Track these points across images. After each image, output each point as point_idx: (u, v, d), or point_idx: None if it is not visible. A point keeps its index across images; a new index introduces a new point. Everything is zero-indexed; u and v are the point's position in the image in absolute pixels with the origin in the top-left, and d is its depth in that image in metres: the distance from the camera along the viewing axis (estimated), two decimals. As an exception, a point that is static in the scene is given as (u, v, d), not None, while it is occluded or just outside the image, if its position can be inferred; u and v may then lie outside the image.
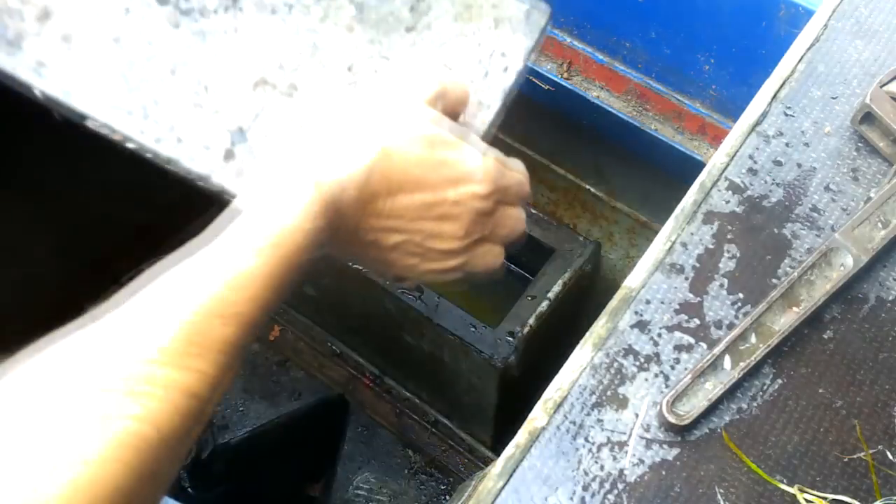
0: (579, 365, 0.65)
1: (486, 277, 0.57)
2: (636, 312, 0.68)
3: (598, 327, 0.67)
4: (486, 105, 0.59)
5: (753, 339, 0.66)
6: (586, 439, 0.63)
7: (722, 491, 0.61)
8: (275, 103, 0.61)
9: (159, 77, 0.61)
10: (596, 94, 1.25)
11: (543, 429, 0.63)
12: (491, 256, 0.56)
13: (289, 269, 0.44)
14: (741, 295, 0.69)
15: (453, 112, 0.56)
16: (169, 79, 0.61)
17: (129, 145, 0.60)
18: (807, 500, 0.60)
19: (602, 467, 0.62)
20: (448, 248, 0.54)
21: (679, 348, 0.67)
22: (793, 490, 0.61)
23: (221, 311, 0.41)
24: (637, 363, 0.66)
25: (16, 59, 0.60)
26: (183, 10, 0.62)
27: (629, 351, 0.66)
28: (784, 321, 0.66)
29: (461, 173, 0.52)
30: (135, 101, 0.60)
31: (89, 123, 0.59)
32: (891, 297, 0.70)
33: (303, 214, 0.45)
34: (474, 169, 0.52)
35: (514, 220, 0.57)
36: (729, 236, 0.72)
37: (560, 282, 1.26)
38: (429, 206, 0.52)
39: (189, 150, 0.60)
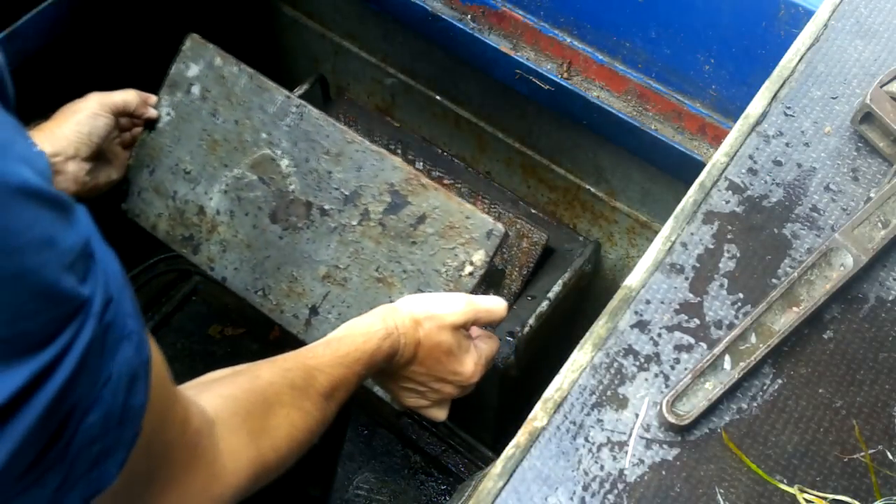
0: (579, 365, 0.65)
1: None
2: (636, 312, 0.68)
3: (598, 327, 0.67)
4: (457, 296, 0.91)
5: (753, 339, 0.66)
6: (586, 439, 0.62)
7: (722, 491, 0.61)
8: (334, 290, 1.08)
9: (271, 271, 1.11)
10: (596, 94, 1.25)
11: (543, 429, 0.63)
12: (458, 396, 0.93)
13: (359, 372, 0.78)
14: (741, 295, 0.69)
15: (488, 323, 0.92)
16: (276, 273, 1.11)
17: (257, 309, 1.12)
18: (807, 500, 0.60)
19: (602, 467, 0.62)
20: (437, 399, 0.91)
21: (679, 348, 0.67)
22: (793, 490, 0.61)
23: (325, 378, 0.75)
24: (637, 363, 0.66)
25: (197, 257, 1.14)
26: (283, 226, 1.11)
27: (629, 351, 0.66)
28: (784, 321, 0.66)
29: (458, 372, 0.88)
30: (258, 285, 1.12)
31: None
32: (891, 297, 0.70)
33: (377, 361, 0.81)
34: (468, 373, 0.89)
35: (474, 386, 0.93)
36: (729, 236, 0.72)
37: (560, 282, 1.26)
38: (435, 378, 0.88)
39: (287, 318, 1.10)
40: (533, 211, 1.44)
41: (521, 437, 0.63)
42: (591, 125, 1.28)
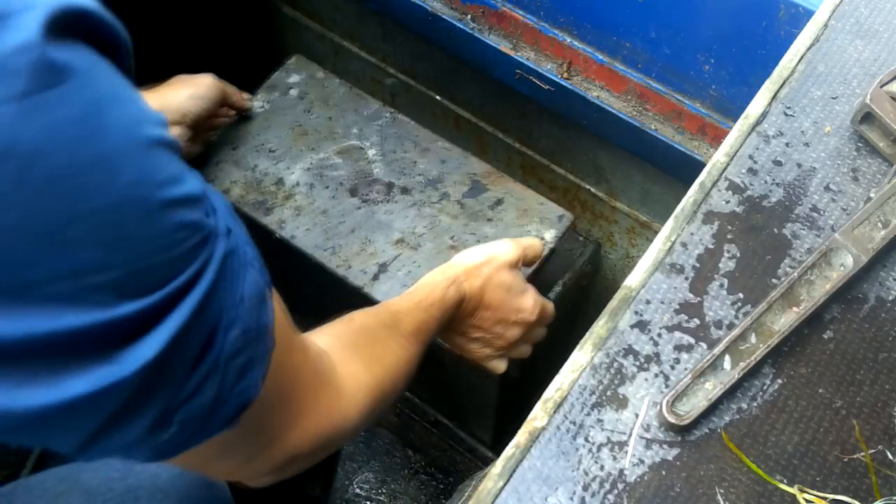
0: (579, 365, 0.65)
1: (517, 358, 1.01)
2: (636, 312, 0.68)
3: (598, 327, 0.67)
4: (501, 241, 0.98)
5: (753, 339, 0.66)
6: (586, 439, 0.63)
7: (722, 491, 0.61)
8: (406, 253, 1.12)
9: (344, 234, 1.14)
10: (596, 94, 1.25)
11: (543, 429, 0.63)
12: (523, 351, 1.00)
13: (436, 316, 0.85)
14: (741, 295, 0.69)
15: (531, 262, 1.00)
16: (349, 235, 1.14)
17: (323, 265, 1.12)
18: (807, 500, 0.60)
19: (602, 467, 0.62)
20: (503, 345, 0.95)
21: (679, 348, 0.67)
22: (793, 490, 0.61)
23: (409, 319, 0.81)
24: (637, 363, 0.66)
25: (268, 218, 1.15)
26: (362, 199, 1.17)
27: (629, 351, 0.66)
28: (784, 321, 0.66)
29: (521, 307, 0.94)
30: (328, 244, 1.13)
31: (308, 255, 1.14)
32: (891, 297, 0.70)
33: (448, 306, 0.86)
34: (527, 306, 0.94)
35: (541, 334, 1.01)
36: (729, 236, 0.72)
37: (560, 282, 1.26)
38: (500, 321, 0.93)
39: (354, 273, 1.11)
40: (533, 211, 1.44)
41: (521, 437, 0.63)
42: (591, 125, 1.28)
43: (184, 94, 1.10)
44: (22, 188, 0.35)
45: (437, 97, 1.53)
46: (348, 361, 0.67)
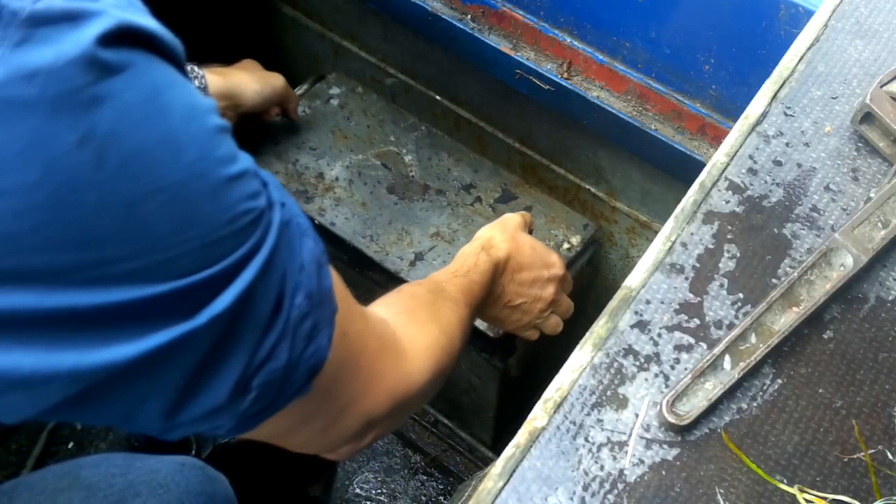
0: (579, 365, 0.65)
1: (549, 334, 1.03)
2: (636, 312, 0.68)
3: (598, 327, 0.67)
4: (501, 218, 1.02)
5: (753, 339, 0.66)
6: (586, 439, 0.63)
7: (722, 491, 0.61)
8: (441, 245, 1.21)
9: (382, 224, 1.22)
10: (596, 94, 1.25)
11: (543, 429, 0.63)
12: (555, 322, 1.02)
13: (477, 280, 0.88)
14: (741, 295, 0.69)
15: (531, 228, 1.03)
16: (387, 226, 1.21)
17: (362, 251, 1.19)
18: (807, 500, 0.60)
19: (602, 467, 0.62)
20: (542, 308, 0.98)
21: (679, 348, 0.67)
22: (793, 490, 0.61)
23: (453, 287, 0.84)
24: (637, 363, 0.66)
25: (308, 206, 1.21)
26: (399, 196, 1.24)
27: (629, 351, 0.66)
28: (784, 321, 0.66)
29: (550, 262, 0.98)
30: (367, 232, 1.21)
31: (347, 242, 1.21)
32: (891, 297, 0.70)
33: (484, 269, 0.89)
34: (555, 260, 0.99)
35: (569, 304, 1.03)
36: (729, 236, 0.72)
37: (560, 282, 1.26)
38: (535, 279, 0.96)
39: (391, 259, 1.19)
40: (533, 211, 1.43)
41: (521, 437, 0.63)
42: (591, 125, 1.28)
43: (251, 87, 1.14)
44: (101, 169, 0.38)
45: (437, 97, 1.53)
46: (406, 326, 0.70)
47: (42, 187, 0.37)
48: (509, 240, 0.94)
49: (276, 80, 1.19)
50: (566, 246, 1.23)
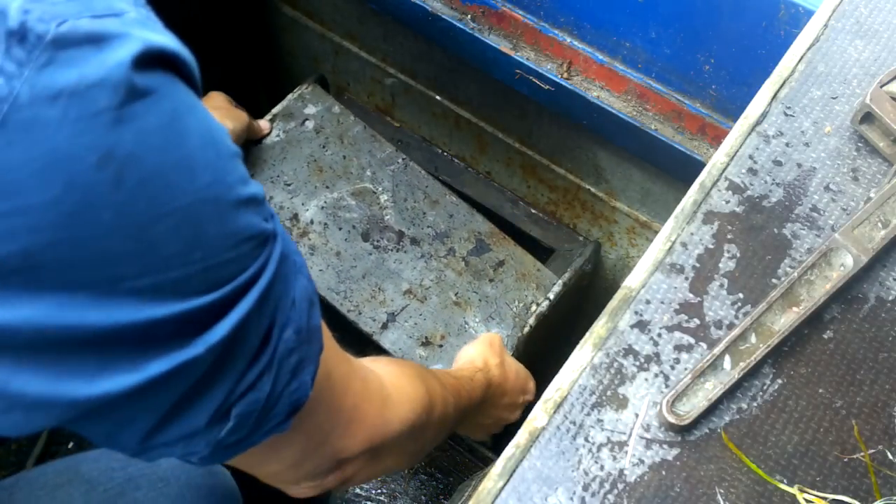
0: (579, 365, 0.65)
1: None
2: (636, 312, 0.68)
3: (598, 327, 0.67)
4: (479, 338, 1.08)
5: (753, 339, 0.66)
6: (586, 439, 0.63)
7: (722, 491, 0.61)
8: (413, 304, 1.20)
9: (356, 278, 1.20)
10: (596, 94, 1.25)
11: (543, 429, 0.63)
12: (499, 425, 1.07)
13: (464, 390, 0.87)
14: (741, 295, 0.69)
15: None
16: (361, 280, 1.20)
17: (336, 308, 1.18)
18: (807, 500, 0.60)
19: (602, 467, 0.62)
20: (502, 425, 1.04)
21: (679, 348, 0.67)
22: (793, 490, 0.61)
23: (444, 376, 0.84)
24: (637, 363, 0.66)
25: None
26: (374, 246, 1.23)
27: (629, 351, 0.66)
28: (784, 321, 0.66)
29: (527, 388, 1.05)
30: (341, 287, 1.19)
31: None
32: (891, 297, 0.70)
33: (475, 382, 0.92)
34: (531, 388, 1.05)
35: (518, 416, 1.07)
36: (729, 236, 0.72)
37: (560, 282, 1.26)
38: (511, 404, 1.02)
39: (364, 320, 1.18)
40: (533, 211, 1.44)
41: (521, 437, 0.63)
42: (591, 125, 1.28)
43: (226, 126, 1.13)
44: (119, 189, 0.38)
45: (437, 97, 1.53)
46: (392, 375, 0.71)
47: (60, 205, 0.37)
48: (501, 365, 0.99)
49: (244, 116, 1.21)
50: (533, 309, 1.23)
